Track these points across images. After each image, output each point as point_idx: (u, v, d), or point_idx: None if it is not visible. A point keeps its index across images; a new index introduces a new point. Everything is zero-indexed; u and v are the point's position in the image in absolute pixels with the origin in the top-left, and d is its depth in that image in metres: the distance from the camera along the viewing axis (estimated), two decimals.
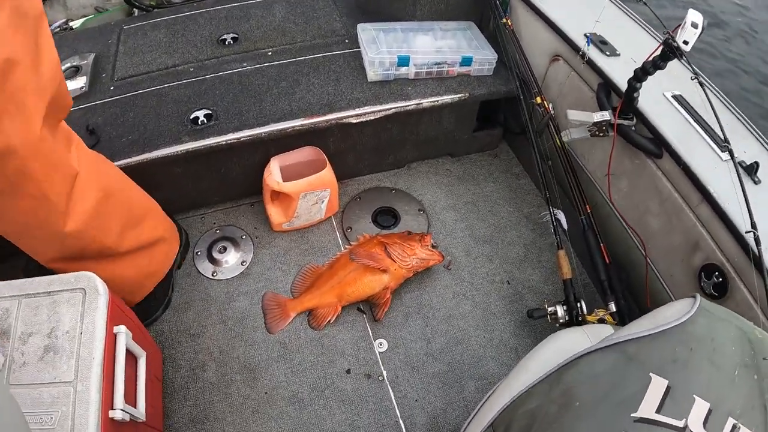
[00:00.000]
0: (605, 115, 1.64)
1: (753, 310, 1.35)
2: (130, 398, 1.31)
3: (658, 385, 0.83)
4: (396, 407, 1.67)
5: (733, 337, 0.90)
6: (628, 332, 0.93)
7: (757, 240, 1.25)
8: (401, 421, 1.64)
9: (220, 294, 1.86)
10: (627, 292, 1.74)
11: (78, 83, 1.97)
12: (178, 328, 1.79)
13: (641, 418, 0.81)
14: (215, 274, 1.90)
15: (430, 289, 1.91)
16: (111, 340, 1.25)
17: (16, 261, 1.81)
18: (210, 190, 2.00)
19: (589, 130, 1.68)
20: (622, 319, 1.60)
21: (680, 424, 0.80)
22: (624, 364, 0.89)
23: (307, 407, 1.66)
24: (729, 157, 1.49)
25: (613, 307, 1.61)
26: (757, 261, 1.30)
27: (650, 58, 1.47)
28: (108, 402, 1.17)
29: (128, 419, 1.22)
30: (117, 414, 1.17)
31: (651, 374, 0.84)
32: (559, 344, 1.22)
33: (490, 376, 1.74)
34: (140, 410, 1.33)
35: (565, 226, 1.85)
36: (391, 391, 1.70)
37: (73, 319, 1.21)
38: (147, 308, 1.78)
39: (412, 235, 1.85)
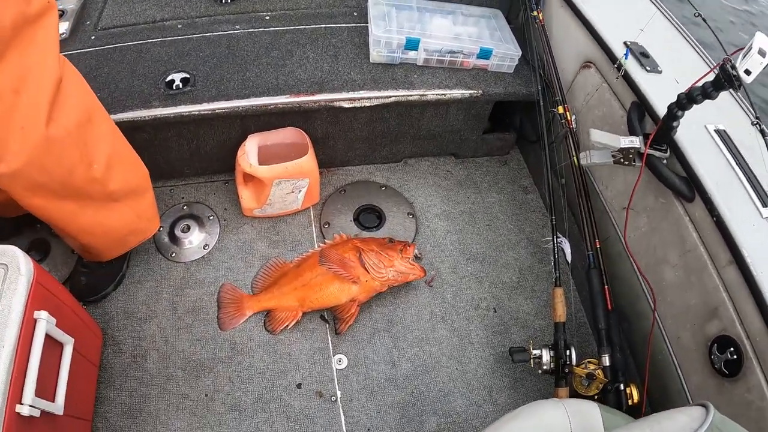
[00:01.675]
0: (635, 142, 1.39)
1: (766, 399, 1.13)
2: (47, 390, 1.16)
3: None
4: None
5: None
6: None
7: None
8: None
9: (176, 278, 1.69)
10: (626, 344, 1.53)
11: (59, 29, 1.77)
12: (125, 309, 1.63)
13: None
14: (174, 254, 1.72)
15: (406, 305, 1.70)
16: (29, 325, 1.09)
17: None
18: (180, 161, 1.81)
19: (613, 156, 1.43)
20: (614, 376, 1.39)
21: None
22: None
23: (247, 418, 1.49)
24: None
25: (606, 361, 1.40)
26: None
27: (700, 83, 1.20)
28: (16, 395, 1.02)
29: (38, 414, 1.07)
30: (24, 409, 1.02)
31: None
32: (534, 423, 1.00)
33: (455, 414, 1.54)
34: (58, 404, 1.18)
35: (569, 258, 1.61)
36: (342, 414, 1.52)
37: None
38: (98, 283, 1.62)
39: (393, 244, 1.63)
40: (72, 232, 1.41)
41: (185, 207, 1.81)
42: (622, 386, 1.38)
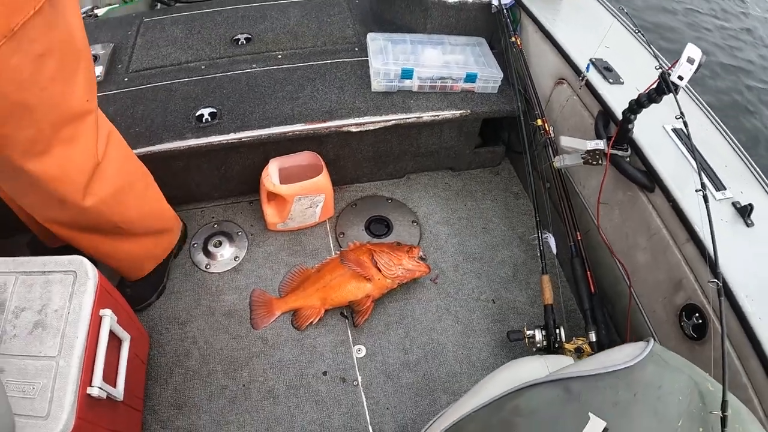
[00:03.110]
0: (599, 144, 1.64)
1: (729, 356, 1.33)
2: (110, 378, 1.39)
3: (594, 427, 0.82)
4: (367, 413, 1.70)
5: (682, 386, 0.88)
6: (576, 369, 0.94)
7: (721, 290, 1.22)
8: (370, 427, 1.68)
9: (211, 286, 1.93)
10: (610, 323, 1.76)
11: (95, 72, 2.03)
12: (168, 315, 1.87)
13: None
14: (208, 266, 1.97)
15: (414, 300, 1.94)
16: (96, 321, 1.32)
17: (21, 237, 1.89)
18: (210, 185, 2.08)
19: (583, 158, 1.68)
20: (600, 349, 1.60)
21: None
22: (565, 400, 0.88)
23: (281, 403, 1.71)
24: (723, 197, 1.47)
25: (593, 337, 1.62)
26: (736, 310, 1.29)
27: (646, 91, 1.45)
28: (87, 379, 1.24)
29: (105, 397, 1.29)
30: (94, 391, 1.24)
31: (590, 414, 0.84)
32: (516, 372, 1.22)
33: (462, 391, 1.76)
34: (119, 390, 1.40)
35: (554, 250, 1.84)
36: (363, 396, 1.73)
37: (63, 299, 1.29)
38: (142, 293, 1.87)
39: (400, 246, 1.89)
40: (95, 255, 1.64)
41: (216, 225, 2.08)
42: None
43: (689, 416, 0.85)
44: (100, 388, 1.26)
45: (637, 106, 1.51)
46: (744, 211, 1.45)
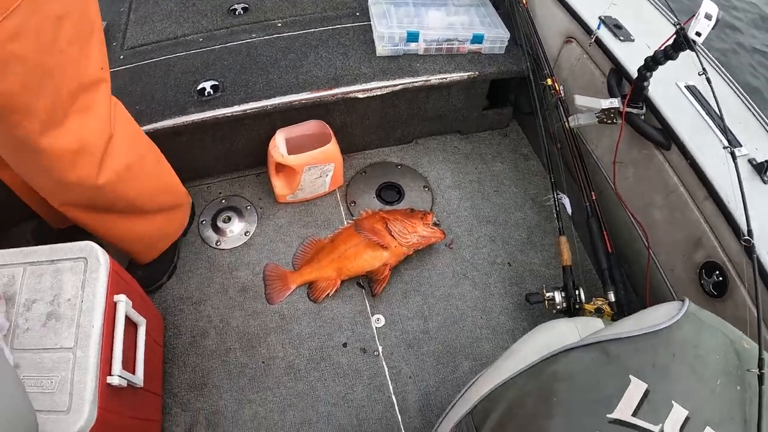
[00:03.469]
0: (614, 103, 1.59)
1: (752, 313, 1.31)
2: (129, 364, 1.33)
3: (636, 388, 0.81)
4: (389, 382, 1.68)
5: (718, 345, 0.87)
6: (612, 332, 0.91)
7: (751, 248, 1.20)
8: (393, 397, 1.65)
9: (223, 263, 1.87)
10: (628, 283, 1.72)
11: None
12: (180, 295, 1.81)
13: (616, 419, 0.79)
14: (219, 243, 1.90)
15: (431, 267, 1.90)
16: (111, 308, 1.26)
17: (26, 226, 1.83)
18: (216, 160, 1.99)
19: (597, 117, 1.63)
20: (620, 309, 1.58)
21: (656, 429, 0.78)
22: (604, 363, 0.87)
23: (302, 378, 1.67)
24: (740, 154, 1.44)
25: (611, 297, 1.59)
26: (760, 267, 1.25)
27: (662, 48, 1.41)
28: (106, 368, 1.20)
29: (125, 385, 1.25)
30: (114, 380, 1.19)
31: (630, 376, 0.82)
32: (548, 335, 1.19)
33: (484, 356, 1.74)
34: (138, 376, 1.36)
35: (569, 211, 1.81)
36: (385, 366, 1.71)
37: (75, 288, 1.23)
38: (153, 275, 1.80)
39: (414, 213, 1.84)
40: (107, 238, 1.59)
41: (223, 201, 2.00)
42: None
43: (727, 375, 0.84)
44: (120, 376, 1.21)
45: (653, 63, 1.44)
46: (761, 168, 1.41)
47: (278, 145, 1.81)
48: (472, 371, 1.71)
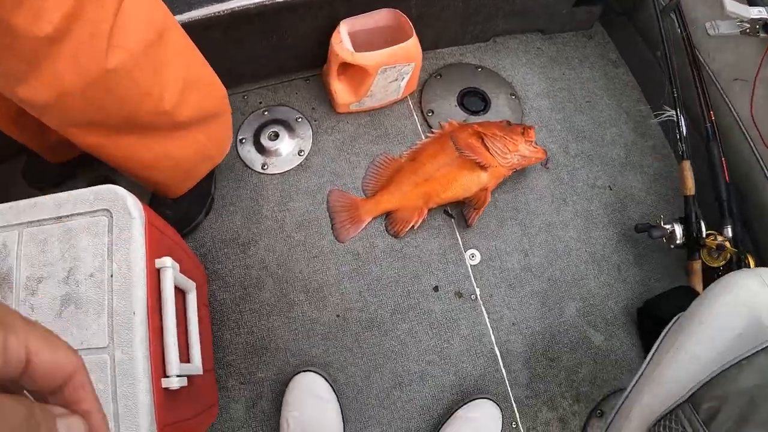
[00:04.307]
0: (762, 13, 1.23)
1: None
2: (183, 350, 0.92)
3: None
4: (491, 332, 1.33)
5: None
6: None
7: None
8: (496, 348, 1.31)
9: (274, 192, 1.43)
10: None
11: None
12: (222, 236, 1.37)
13: None
14: (266, 167, 1.45)
15: (527, 190, 1.49)
16: (153, 279, 0.82)
17: (14, 165, 1.37)
18: (256, 60, 1.48)
19: (741, 27, 1.27)
20: (737, 247, 1.26)
21: None
22: None
23: (388, 332, 1.29)
24: None
25: (729, 233, 1.27)
26: None
27: None
28: (159, 367, 0.78)
29: (186, 383, 0.84)
30: (173, 382, 0.78)
31: None
32: (738, 296, 0.86)
33: (590, 296, 1.39)
34: (196, 363, 0.94)
35: (686, 132, 1.47)
36: (485, 312, 1.36)
37: (99, 257, 0.78)
38: (187, 212, 1.33)
39: (512, 127, 1.41)
40: (136, 169, 1.11)
41: (266, 112, 1.51)
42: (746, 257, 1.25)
43: None
44: (179, 375, 0.79)
45: None
46: None
47: (343, 39, 1.37)
48: (579, 314, 1.38)
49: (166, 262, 0.84)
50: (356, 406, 1.25)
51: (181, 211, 1.33)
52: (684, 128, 1.41)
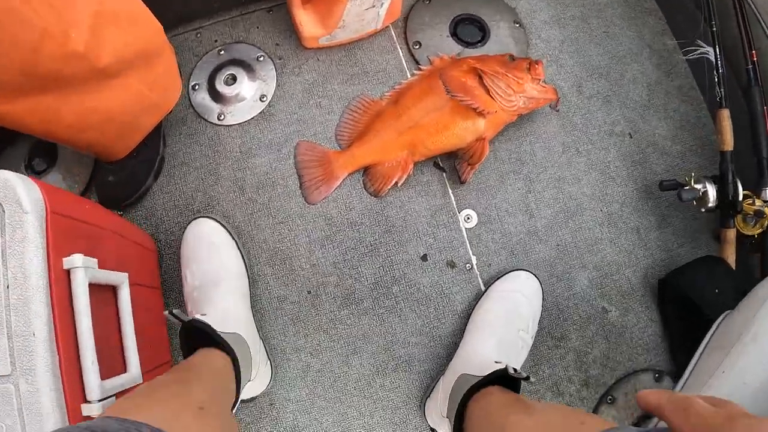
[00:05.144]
0: None
1: None
2: (114, 359, 0.73)
3: None
4: None
5: None
6: None
7: None
8: None
9: (233, 147, 1.16)
10: None
11: None
12: (175, 202, 1.12)
13: None
14: (222, 117, 1.18)
15: (533, 137, 1.21)
16: (62, 286, 0.63)
17: None
18: None
19: None
20: None
21: None
22: None
23: (367, 311, 1.06)
24: None
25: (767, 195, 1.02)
26: None
27: None
28: (77, 391, 0.63)
29: (115, 400, 0.66)
30: (93, 408, 0.62)
31: None
32: None
33: (605, 265, 1.14)
34: (133, 371, 0.75)
35: (723, 70, 1.19)
36: (482, 284, 1.11)
37: None
38: (132, 176, 1.09)
39: (516, 62, 1.11)
40: (59, 134, 0.88)
41: (222, 52, 1.22)
42: None
43: None
44: (102, 399, 0.62)
45: None
46: None
47: None
48: (592, 285, 1.13)
49: (75, 261, 0.65)
50: (333, 395, 1.05)
51: (125, 176, 1.10)
52: (722, 69, 1.15)
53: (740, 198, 1.06)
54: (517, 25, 1.30)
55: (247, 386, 0.95)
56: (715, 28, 1.12)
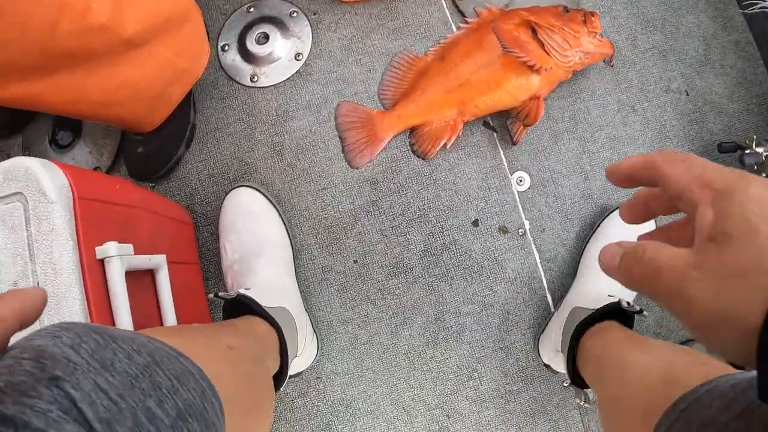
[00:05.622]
0: None
1: None
2: None
3: None
4: (542, 275, 1.03)
5: None
6: None
7: None
8: (549, 296, 1.02)
9: (269, 110, 1.08)
10: None
11: None
12: (210, 171, 1.05)
13: None
14: (256, 78, 1.09)
15: (587, 95, 1.12)
16: (97, 277, 0.57)
17: None
18: None
19: None
20: None
21: None
22: None
23: (416, 280, 0.99)
24: None
25: None
26: None
27: None
28: None
29: None
30: None
31: None
32: None
33: None
34: None
35: None
36: (535, 251, 1.04)
37: (20, 259, 0.55)
38: (162, 147, 1.02)
39: (570, 14, 1.02)
40: (85, 111, 0.81)
41: (251, 9, 1.12)
42: None
43: None
44: None
45: None
46: None
47: None
48: None
49: (110, 250, 0.58)
50: (382, 367, 0.99)
51: (155, 147, 1.03)
52: None
53: None
54: None
55: (294, 362, 0.89)
56: None
